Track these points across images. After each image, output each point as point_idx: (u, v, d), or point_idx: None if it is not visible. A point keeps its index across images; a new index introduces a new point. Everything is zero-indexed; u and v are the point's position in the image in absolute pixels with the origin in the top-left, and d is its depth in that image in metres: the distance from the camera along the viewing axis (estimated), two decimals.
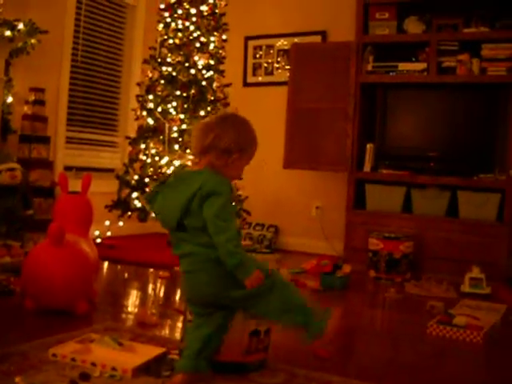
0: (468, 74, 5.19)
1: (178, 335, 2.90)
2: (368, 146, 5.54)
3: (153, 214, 2.43)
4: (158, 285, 4.24)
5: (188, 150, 5.25)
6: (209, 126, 2.24)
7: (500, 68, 5.08)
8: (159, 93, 5.44)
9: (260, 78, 6.54)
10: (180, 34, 5.47)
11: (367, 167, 5.53)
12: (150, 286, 4.25)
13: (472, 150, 5.27)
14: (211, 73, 5.53)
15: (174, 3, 5.50)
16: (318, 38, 6.22)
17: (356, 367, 2.73)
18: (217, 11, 5.61)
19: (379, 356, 2.93)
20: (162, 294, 4.02)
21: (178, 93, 5.35)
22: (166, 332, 3.04)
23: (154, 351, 2.47)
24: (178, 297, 3.90)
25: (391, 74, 5.44)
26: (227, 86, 5.68)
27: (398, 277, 4.89)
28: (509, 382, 2.64)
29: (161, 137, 5.34)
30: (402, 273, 4.92)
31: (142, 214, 5.26)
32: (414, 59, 5.43)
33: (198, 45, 5.47)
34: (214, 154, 2.21)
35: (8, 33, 4.55)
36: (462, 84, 5.25)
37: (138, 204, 5.27)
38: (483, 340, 3.17)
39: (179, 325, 3.08)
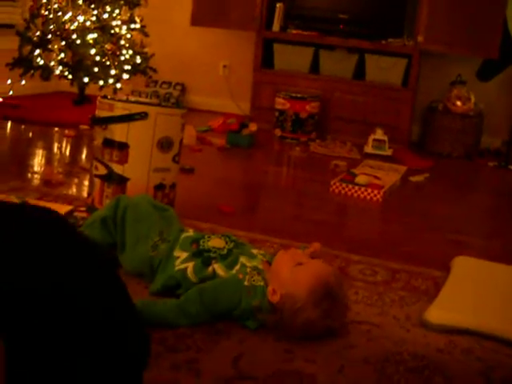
0: None
1: (84, 193, 2.94)
2: (278, 5, 5.46)
3: None
4: (64, 144, 4.20)
5: (92, 5, 5.05)
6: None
7: None
8: None
9: None
10: None
11: (276, 27, 5.48)
12: (56, 145, 4.20)
13: (382, 14, 5.27)
14: None
15: None
16: None
17: (261, 222, 2.85)
18: None
19: (284, 212, 3.06)
20: (67, 152, 4.00)
21: None
22: (72, 190, 3.06)
23: (60, 209, 2.50)
24: (83, 155, 3.89)
25: None
26: None
27: (304, 136, 5.00)
28: (399, 233, 2.86)
29: None
30: (308, 132, 5.03)
31: (46, 72, 5.10)
32: None
33: None
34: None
35: None
36: None
37: (40, 62, 5.09)
38: (382, 198, 3.36)
39: (85, 183, 3.12)
